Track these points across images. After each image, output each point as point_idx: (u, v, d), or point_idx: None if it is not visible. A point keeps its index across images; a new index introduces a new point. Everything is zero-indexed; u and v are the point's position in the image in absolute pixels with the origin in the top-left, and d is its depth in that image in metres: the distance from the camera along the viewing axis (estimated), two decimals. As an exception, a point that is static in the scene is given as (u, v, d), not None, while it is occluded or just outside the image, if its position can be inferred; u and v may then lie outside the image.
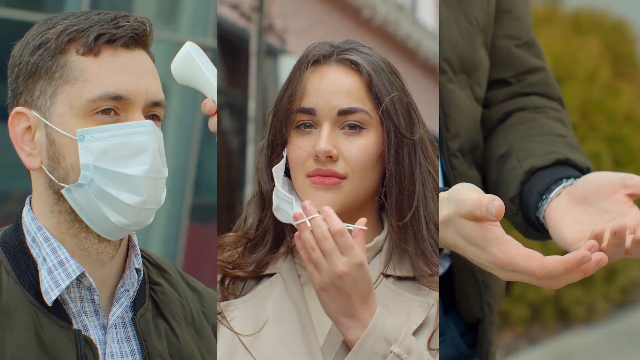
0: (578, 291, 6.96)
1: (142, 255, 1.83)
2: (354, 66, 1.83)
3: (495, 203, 1.64)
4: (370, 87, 1.82)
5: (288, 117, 1.83)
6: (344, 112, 1.80)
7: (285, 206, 1.82)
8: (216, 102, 1.80)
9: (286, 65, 8.75)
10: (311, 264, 1.69)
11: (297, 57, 1.90)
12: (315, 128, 1.82)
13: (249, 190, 7.55)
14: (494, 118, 2.19)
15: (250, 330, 1.80)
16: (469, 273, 2.13)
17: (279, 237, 1.88)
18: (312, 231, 1.68)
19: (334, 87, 1.82)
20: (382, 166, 1.82)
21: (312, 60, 1.84)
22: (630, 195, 1.78)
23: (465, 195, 1.70)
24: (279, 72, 9.02)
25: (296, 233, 1.71)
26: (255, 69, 7.76)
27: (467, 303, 2.16)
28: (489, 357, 2.20)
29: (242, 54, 8.29)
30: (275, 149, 1.86)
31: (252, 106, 7.77)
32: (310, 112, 1.81)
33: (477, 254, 1.71)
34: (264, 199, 1.88)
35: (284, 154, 1.85)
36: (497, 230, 1.68)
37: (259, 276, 1.88)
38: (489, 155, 2.15)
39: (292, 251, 1.87)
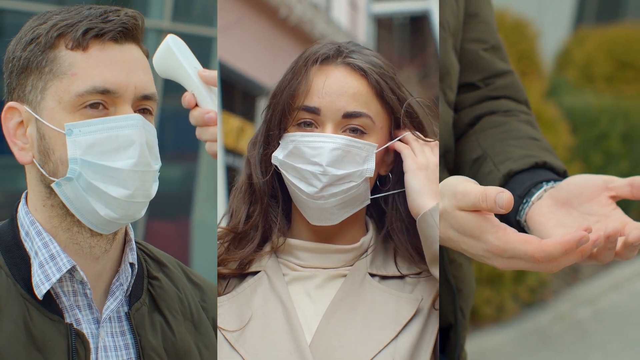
0: (487, 291, 6.96)
1: (142, 250, 1.84)
2: (361, 71, 1.84)
3: (504, 195, 1.64)
4: (381, 95, 1.83)
5: (290, 113, 1.83)
6: (348, 115, 1.81)
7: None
8: (211, 98, 1.78)
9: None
10: (409, 149, 1.82)
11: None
12: (317, 127, 1.82)
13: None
14: (463, 122, 2.19)
15: (234, 327, 1.79)
16: (443, 278, 2.13)
17: (266, 234, 1.88)
18: None
19: (341, 89, 1.82)
20: (377, 170, 1.85)
21: (320, 59, 1.84)
22: (613, 197, 1.78)
23: (465, 188, 1.69)
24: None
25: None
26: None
27: (440, 308, 2.16)
28: (460, 361, 2.20)
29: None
30: (270, 142, 1.86)
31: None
32: (314, 111, 1.82)
33: (472, 244, 1.70)
34: (253, 193, 1.87)
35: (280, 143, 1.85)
36: (492, 218, 1.68)
37: (242, 274, 1.87)
38: (460, 159, 2.15)
39: (276, 251, 1.87)
